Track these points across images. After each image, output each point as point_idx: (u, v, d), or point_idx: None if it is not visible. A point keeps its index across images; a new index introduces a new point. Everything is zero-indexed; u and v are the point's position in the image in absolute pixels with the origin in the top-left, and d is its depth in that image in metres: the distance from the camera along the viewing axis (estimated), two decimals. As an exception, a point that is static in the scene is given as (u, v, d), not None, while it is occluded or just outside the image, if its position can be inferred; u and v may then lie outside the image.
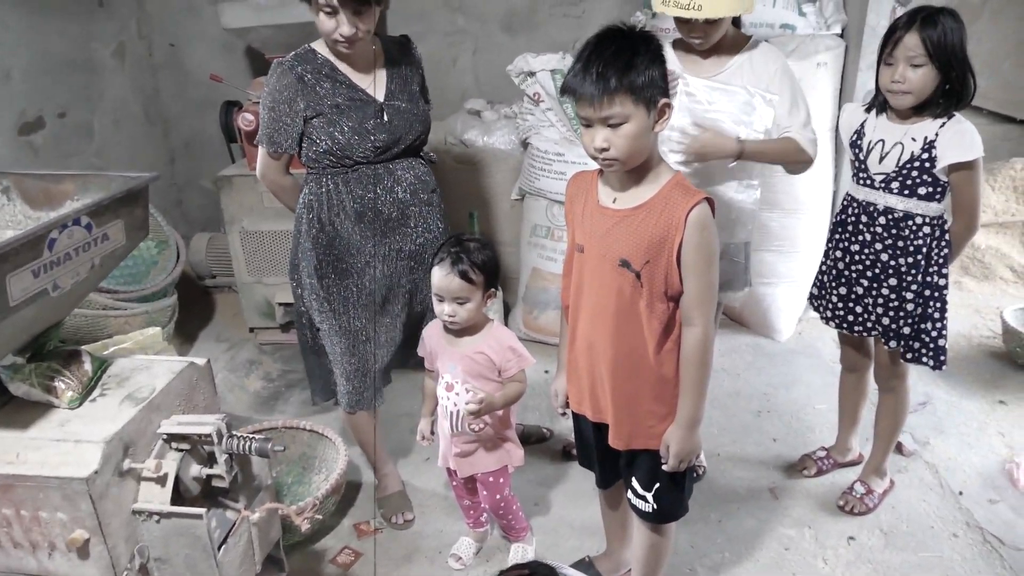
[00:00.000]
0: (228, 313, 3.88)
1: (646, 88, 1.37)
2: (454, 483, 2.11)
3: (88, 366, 1.58)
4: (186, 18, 4.04)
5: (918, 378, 2.99)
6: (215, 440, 1.49)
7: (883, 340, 2.15)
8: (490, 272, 1.84)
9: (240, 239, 3.37)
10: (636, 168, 1.46)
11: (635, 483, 1.70)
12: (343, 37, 1.87)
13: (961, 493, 2.37)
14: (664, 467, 1.60)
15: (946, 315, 2.07)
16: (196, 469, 1.52)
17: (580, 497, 2.39)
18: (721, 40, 2.04)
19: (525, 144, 3.41)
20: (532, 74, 3.24)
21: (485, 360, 1.87)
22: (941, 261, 2.04)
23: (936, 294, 2.05)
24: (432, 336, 1.97)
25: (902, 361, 2.15)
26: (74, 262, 1.43)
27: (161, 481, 1.46)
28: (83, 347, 1.68)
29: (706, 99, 2.06)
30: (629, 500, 1.74)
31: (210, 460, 1.54)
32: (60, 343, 1.62)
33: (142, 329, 2.59)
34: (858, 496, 2.33)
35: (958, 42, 1.88)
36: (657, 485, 1.67)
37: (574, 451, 2.59)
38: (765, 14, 3.21)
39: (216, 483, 1.56)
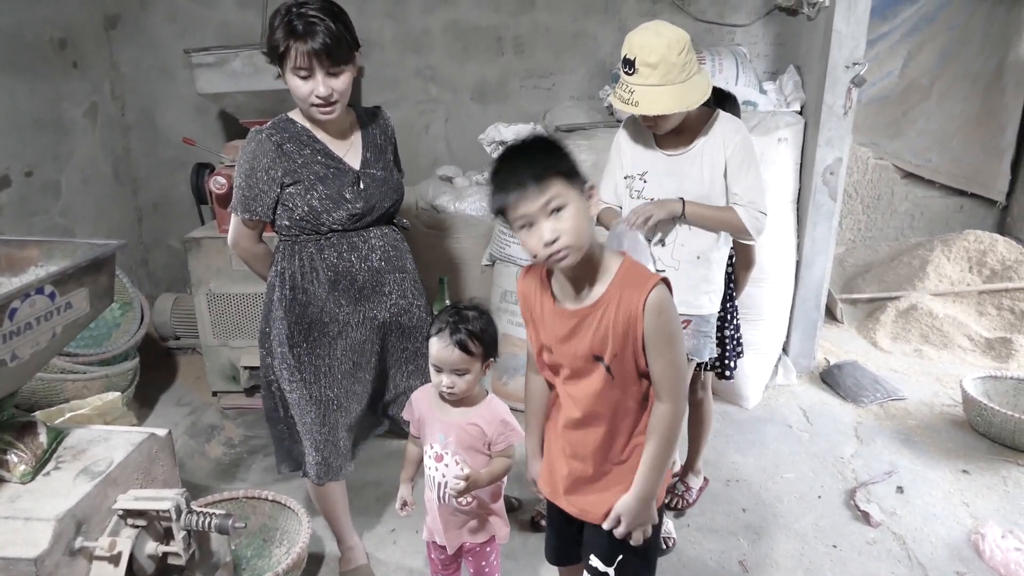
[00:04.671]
0: (191, 376, 3.79)
1: (571, 171, 1.40)
2: (432, 556, 2.05)
3: (43, 438, 1.52)
4: (160, 80, 4.08)
5: (883, 447, 3.04)
6: (173, 516, 1.44)
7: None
8: (489, 342, 1.79)
9: (207, 301, 3.33)
10: (584, 264, 1.45)
11: (593, 560, 1.66)
12: (319, 99, 1.88)
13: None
14: (616, 533, 1.57)
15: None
16: (152, 547, 1.47)
17: (549, 570, 2.33)
18: (685, 120, 2.12)
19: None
20: (503, 143, 3.31)
21: (477, 432, 1.81)
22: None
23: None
24: (422, 401, 1.90)
25: (704, 374, 2.55)
26: (34, 331, 1.40)
27: (114, 560, 1.40)
28: (39, 416, 1.63)
29: (678, 171, 2.17)
30: None
31: (167, 537, 1.49)
32: (14, 411, 1.57)
33: (101, 394, 2.54)
34: (679, 494, 2.68)
35: None
36: (620, 558, 1.63)
37: (542, 522, 2.56)
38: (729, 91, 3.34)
39: (172, 561, 1.50)
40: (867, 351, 3.94)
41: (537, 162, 1.38)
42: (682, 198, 2.11)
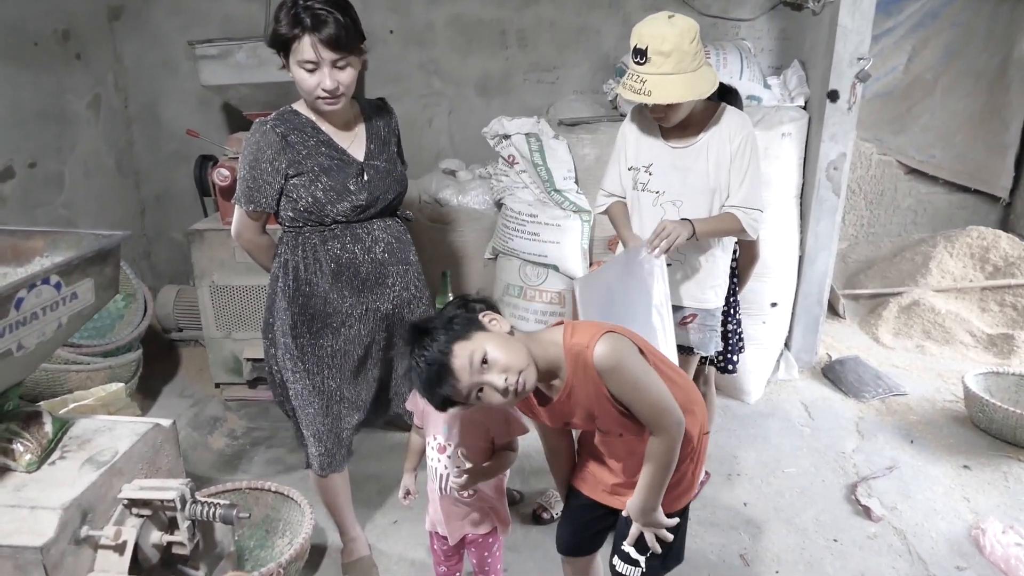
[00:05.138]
0: (194, 368, 3.80)
1: (456, 324, 1.43)
2: (434, 547, 2.05)
3: (48, 427, 1.53)
4: (163, 73, 4.08)
5: (885, 443, 3.04)
6: (178, 506, 1.45)
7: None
8: None
9: (210, 293, 3.33)
10: (546, 374, 1.49)
11: (627, 548, 1.68)
12: (326, 92, 1.88)
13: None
14: (632, 530, 1.63)
15: None
16: (156, 536, 1.48)
17: (551, 563, 2.35)
18: (691, 113, 2.12)
19: (499, 204, 3.46)
20: (507, 137, 3.31)
21: (480, 425, 1.82)
22: None
23: None
24: None
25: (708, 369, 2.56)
26: (40, 322, 1.41)
27: (120, 549, 1.41)
28: (43, 406, 1.64)
29: (683, 164, 2.17)
30: (613, 566, 1.72)
31: (171, 526, 1.50)
32: (19, 401, 1.58)
33: (104, 385, 2.55)
34: None
35: None
36: (649, 552, 1.67)
37: (544, 515, 2.57)
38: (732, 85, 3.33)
39: (177, 550, 1.51)
40: (869, 347, 3.94)
41: (429, 353, 1.41)
42: (690, 220, 2.10)
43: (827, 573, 2.34)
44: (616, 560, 1.72)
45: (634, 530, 1.62)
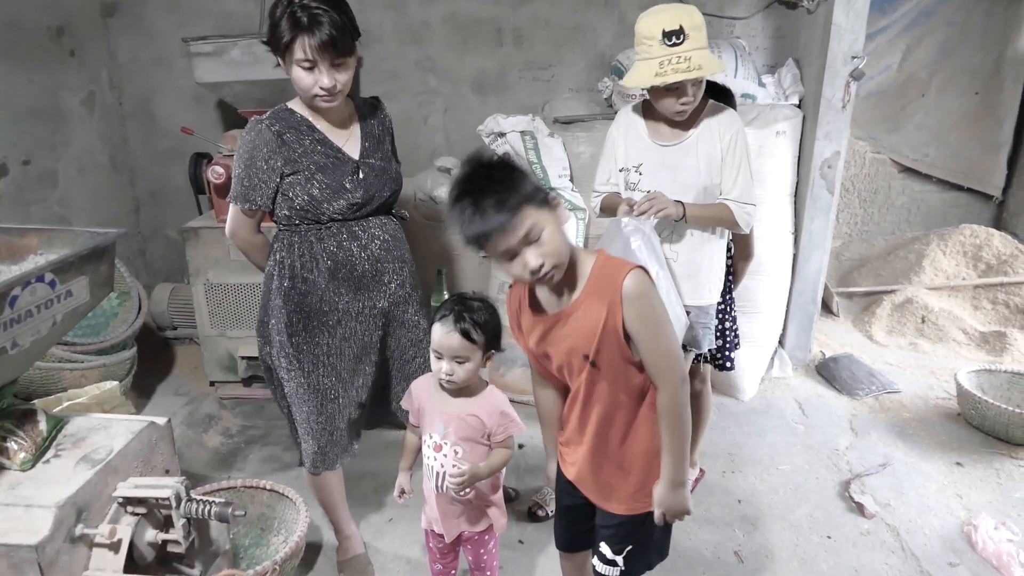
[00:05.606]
0: (188, 366, 3.80)
1: (535, 191, 1.39)
2: (430, 545, 2.06)
3: (43, 426, 1.53)
4: (158, 70, 4.06)
5: (878, 440, 3.06)
6: (173, 504, 1.45)
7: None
8: (491, 334, 1.79)
9: (204, 291, 3.33)
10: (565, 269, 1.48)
11: (603, 548, 1.69)
12: (324, 90, 1.88)
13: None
14: (656, 519, 1.61)
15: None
16: (152, 534, 1.48)
17: (546, 560, 2.36)
18: None
19: (494, 202, 3.45)
20: (502, 135, 3.31)
21: (477, 423, 1.82)
22: None
23: None
24: (422, 391, 1.90)
25: (704, 366, 2.56)
26: (35, 319, 1.41)
27: (115, 547, 1.41)
28: (38, 404, 1.63)
29: (672, 163, 2.17)
30: (595, 569, 1.73)
31: (167, 524, 1.50)
32: (14, 400, 1.57)
33: (99, 383, 2.54)
34: None
35: None
36: (629, 548, 1.67)
37: (540, 512, 2.58)
38: (727, 83, 3.34)
39: (172, 548, 1.51)
40: (863, 344, 3.95)
41: (505, 194, 1.35)
42: (682, 202, 2.11)
43: (821, 570, 2.35)
44: (595, 560, 1.72)
45: (658, 516, 1.59)
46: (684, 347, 2.33)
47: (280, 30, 1.83)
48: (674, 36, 2.00)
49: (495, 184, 1.36)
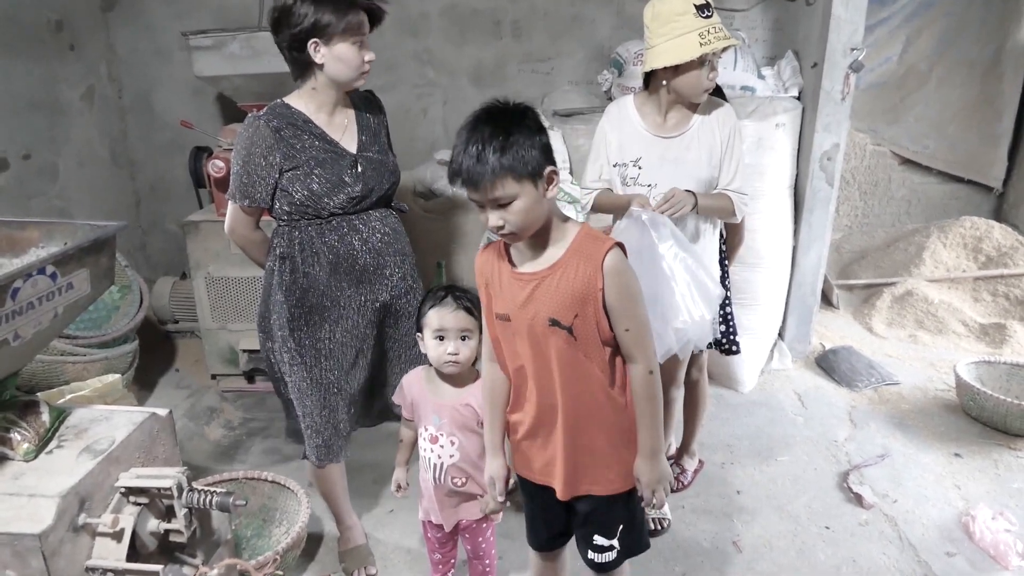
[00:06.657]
0: (190, 359, 3.81)
1: (527, 164, 1.39)
2: (428, 535, 2.07)
3: (45, 417, 1.54)
4: (157, 63, 4.07)
5: (877, 431, 3.07)
6: (175, 494, 1.46)
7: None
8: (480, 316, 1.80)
9: (205, 284, 3.34)
10: (541, 232, 1.49)
11: (597, 539, 1.69)
12: (368, 64, 1.98)
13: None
14: (643, 504, 1.63)
15: None
16: (154, 524, 1.49)
17: (545, 550, 2.37)
18: (680, 99, 2.16)
19: (494, 195, 3.46)
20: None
21: (471, 412, 1.83)
22: None
23: None
24: (413, 385, 1.91)
25: (702, 355, 2.55)
26: (36, 311, 1.41)
27: (117, 536, 1.42)
28: (40, 396, 1.64)
29: (673, 155, 2.19)
30: (590, 560, 1.73)
31: (168, 514, 1.51)
32: (16, 391, 1.58)
33: (101, 376, 2.55)
34: (675, 475, 2.65)
35: None
36: (620, 527, 1.68)
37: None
38: (726, 76, 3.34)
39: (174, 538, 1.52)
40: (862, 336, 3.96)
41: (494, 152, 1.36)
42: (694, 192, 2.15)
43: (819, 559, 2.36)
44: (591, 554, 1.71)
45: (647, 494, 1.60)
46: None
47: (322, 14, 1.87)
48: (705, 9, 2.07)
49: (497, 137, 1.38)
